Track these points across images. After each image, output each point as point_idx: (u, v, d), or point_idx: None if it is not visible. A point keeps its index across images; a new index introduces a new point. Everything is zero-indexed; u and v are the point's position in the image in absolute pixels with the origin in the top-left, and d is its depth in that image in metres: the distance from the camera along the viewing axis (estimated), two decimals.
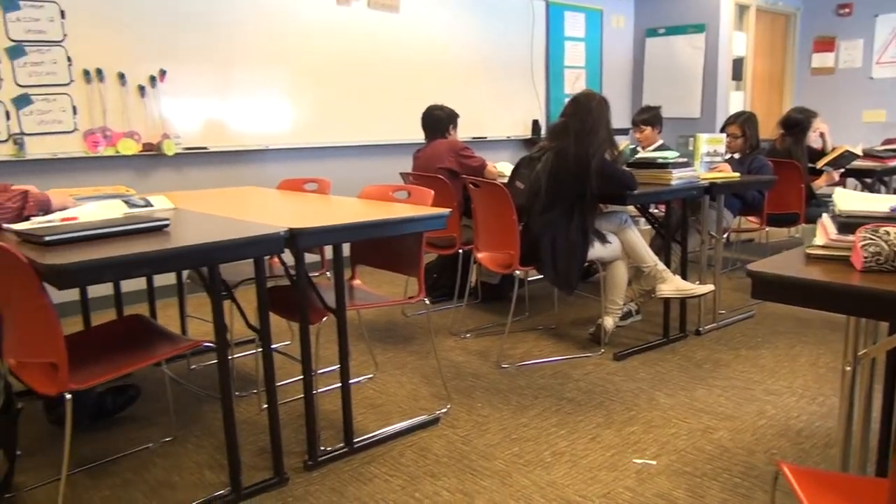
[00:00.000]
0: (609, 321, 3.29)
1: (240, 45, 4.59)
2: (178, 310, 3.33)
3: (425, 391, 2.82)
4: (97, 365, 1.91)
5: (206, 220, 2.27)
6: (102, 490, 2.12)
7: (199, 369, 3.13)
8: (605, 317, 3.28)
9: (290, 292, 2.47)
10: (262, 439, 2.42)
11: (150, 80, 4.25)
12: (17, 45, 3.81)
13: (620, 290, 3.29)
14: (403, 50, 5.42)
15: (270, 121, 4.79)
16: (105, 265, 1.67)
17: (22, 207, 2.26)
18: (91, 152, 4.06)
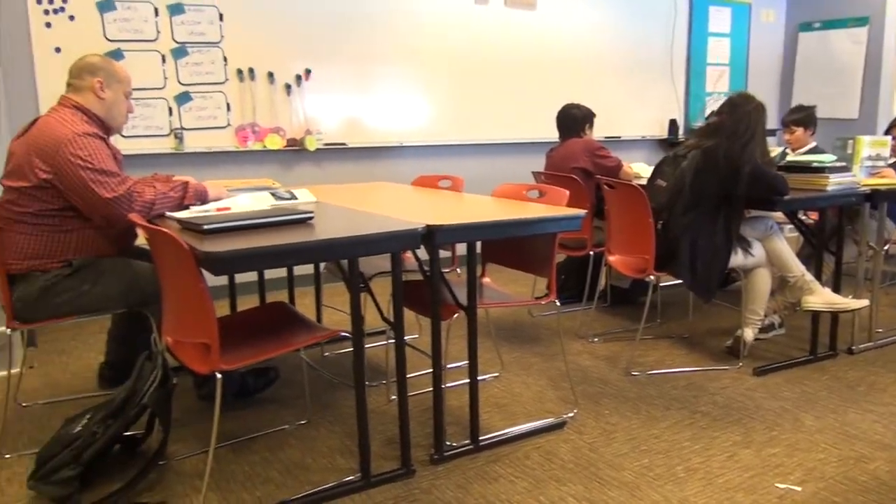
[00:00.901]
0: (749, 333, 3.10)
1: (379, 44, 4.73)
2: (314, 298, 3.49)
3: (551, 394, 2.78)
4: (244, 348, 2.03)
5: (346, 214, 2.35)
6: (243, 465, 2.25)
7: (331, 357, 3.26)
8: (744, 328, 3.10)
9: (422, 287, 2.51)
10: (389, 429, 2.48)
11: (296, 78, 4.47)
12: (180, 47, 4.12)
13: (762, 299, 3.09)
14: (539, 48, 5.38)
15: (406, 118, 4.90)
16: (257, 254, 1.77)
17: (182, 197, 2.44)
18: (241, 147, 4.33)
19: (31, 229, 2.38)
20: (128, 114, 2.64)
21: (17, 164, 2.37)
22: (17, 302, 2.35)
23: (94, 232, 2.45)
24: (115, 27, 3.94)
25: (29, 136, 2.40)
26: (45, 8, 3.77)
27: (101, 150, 2.36)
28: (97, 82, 2.51)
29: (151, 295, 2.37)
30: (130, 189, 2.33)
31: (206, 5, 4.16)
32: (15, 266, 2.38)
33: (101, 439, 2.07)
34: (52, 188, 2.34)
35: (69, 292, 2.38)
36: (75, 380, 3.04)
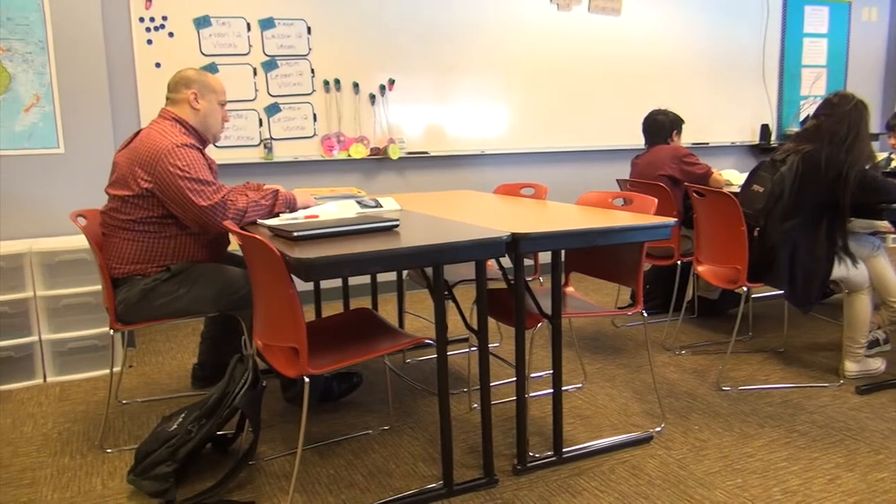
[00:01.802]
0: (850, 366, 2.91)
1: (461, 53, 4.75)
2: (396, 305, 3.52)
3: (637, 407, 2.71)
4: (331, 353, 2.07)
5: (431, 222, 2.36)
6: (328, 468, 2.29)
7: (413, 363, 3.28)
8: (844, 360, 2.91)
9: (505, 296, 2.50)
10: (471, 438, 2.47)
11: (380, 88, 4.55)
12: (271, 60, 4.27)
13: (863, 326, 2.89)
14: (623, 53, 5.28)
15: (487, 126, 4.90)
16: (345, 261, 1.80)
17: (273, 205, 2.52)
18: (326, 156, 4.44)
19: (133, 236, 2.50)
20: (223, 122, 2.75)
21: (120, 175, 2.51)
22: (119, 304, 2.47)
23: (190, 238, 2.56)
24: (210, 42, 4.12)
25: (131, 147, 2.54)
26: (146, 26, 3.98)
27: (197, 160, 2.46)
28: (192, 94, 2.63)
29: (242, 299, 2.45)
30: (225, 197, 2.42)
31: (296, 19, 4.29)
32: (118, 270, 2.51)
33: (195, 438, 2.15)
34: (153, 197, 2.45)
35: (167, 296, 2.49)
36: (170, 379, 3.18)
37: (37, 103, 3.47)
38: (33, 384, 3.17)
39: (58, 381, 3.20)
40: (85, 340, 3.27)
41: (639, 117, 3.95)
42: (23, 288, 3.15)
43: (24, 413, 2.84)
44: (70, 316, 3.24)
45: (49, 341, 3.20)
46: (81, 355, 3.27)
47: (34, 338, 3.18)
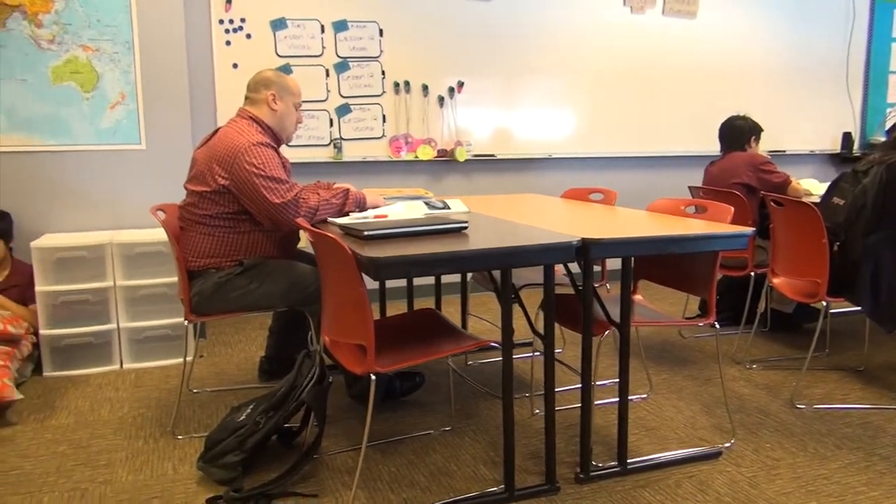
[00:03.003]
0: None
1: (530, 56, 4.73)
2: (459, 306, 3.53)
3: (705, 420, 2.63)
4: (397, 351, 2.08)
5: (499, 225, 2.35)
6: (390, 466, 2.31)
7: (475, 365, 3.27)
8: None
9: (571, 301, 2.47)
10: (532, 443, 2.45)
11: (448, 91, 4.57)
12: (343, 61, 4.34)
13: None
14: (697, 57, 5.15)
15: (555, 129, 4.86)
16: (415, 261, 1.81)
17: (343, 204, 2.56)
18: (394, 157, 4.48)
19: (209, 230, 2.58)
20: (298, 124, 2.81)
21: (199, 171, 2.59)
22: (194, 297, 2.56)
23: (263, 235, 2.62)
24: (285, 44, 4.22)
25: (210, 144, 2.62)
26: (226, 27, 4.10)
27: (272, 158, 2.52)
28: (271, 95, 2.69)
29: (311, 295, 2.50)
30: (297, 195, 2.47)
31: (368, 21, 4.35)
32: (194, 263, 2.60)
33: (262, 429, 2.20)
34: (229, 193, 2.53)
35: (239, 289, 2.56)
36: (238, 371, 3.26)
37: (122, 101, 3.62)
38: (110, 370, 3.31)
39: (133, 368, 3.33)
40: (159, 330, 3.39)
41: (712, 123, 3.85)
42: (104, 277, 3.30)
43: (101, 397, 2.96)
44: (146, 306, 3.37)
45: (126, 329, 3.34)
46: (155, 344, 3.39)
47: (112, 325, 3.32)
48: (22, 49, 3.43)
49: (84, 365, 3.28)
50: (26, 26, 3.43)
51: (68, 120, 3.54)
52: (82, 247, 3.27)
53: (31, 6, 3.43)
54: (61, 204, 3.56)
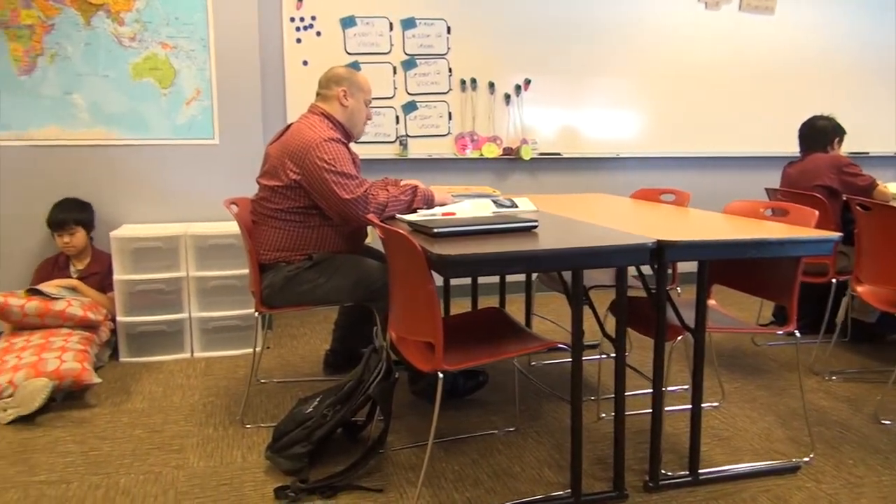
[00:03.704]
0: None
1: (599, 54, 4.64)
2: (523, 306, 3.49)
3: (781, 433, 2.52)
4: (464, 350, 2.07)
5: (569, 225, 2.31)
6: (453, 464, 2.30)
7: (538, 366, 3.24)
8: None
9: (642, 304, 2.40)
10: (598, 448, 2.40)
11: (515, 88, 4.53)
12: (410, 59, 4.35)
13: None
14: (775, 54, 4.96)
15: (624, 128, 4.76)
16: (485, 260, 1.79)
17: (412, 201, 2.56)
18: (459, 154, 4.47)
19: (280, 224, 2.62)
20: (367, 121, 2.83)
21: (271, 166, 2.63)
22: (264, 289, 2.60)
23: (332, 230, 2.65)
24: (354, 41, 4.26)
25: (282, 140, 2.66)
26: (297, 25, 4.17)
27: (343, 154, 2.54)
28: (342, 91, 2.72)
29: (378, 291, 2.51)
30: (366, 191, 2.49)
31: (436, 19, 4.35)
32: (265, 256, 2.64)
33: (329, 422, 2.22)
34: (300, 188, 2.56)
35: (308, 283, 2.59)
36: (304, 363, 3.31)
37: (197, 97, 3.72)
38: (182, 357, 3.41)
39: (203, 357, 3.42)
40: (228, 320, 3.47)
41: (790, 123, 3.70)
42: (177, 268, 3.40)
43: (173, 384, 3.05)
44: (216, 296, 3.46)
45: (197, 319, 3.43)
46: (225, 334, 3.48)
47: (184, 315, 3.42)
48: (105, 46, 3.56)
49: (157, 352, 3.39)
50: (109, 24, 3.56)
51: (146, 115, 3.66)
52: (158, 238, 3.37)
53: (114, 5, 3.56)
54: (139, 196, 3.69)
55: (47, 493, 2.12)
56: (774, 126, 4.96)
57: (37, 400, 2.62)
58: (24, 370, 2.71)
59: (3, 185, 3.49)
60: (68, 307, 3.07)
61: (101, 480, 2.20)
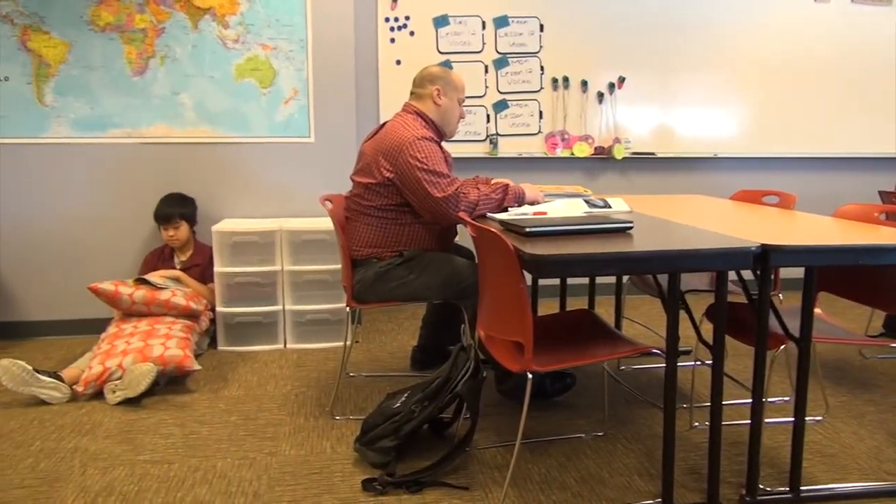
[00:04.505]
0: None
1: (695, 50, 4.49)
2: (609, 308, 3.42)
3: (892, 452, 2.36)
4: (554, 351, 2.04)
5: (665, 226, 2.24)
6: (540, 466, 2.27)
7: (627, 370, 3.16)
8: None
9: (741, 311, 2.31)
10: (691, 458, 2.32)
11: (608, 87, 4.44)
12: (502, 57, 4.34)
13: None
14: (890, 48, 4.65)
15: (721, 127, 4.58)
16: (579, 260, 1.76)
17: (503, 200, 2.55)
18: (549, 153, 4.42)
19: (373, 221, 2.67)
20: (460, 119, 2.84)
21: (366, 163, 2.68)
22: (356, 284, 2.66)
23: (423, 227, 2.68)
24: (446, 41, 4.28)
25: (377, 138, 2.70)
26: (391, 25, 4.23)
27: (436, 153, 2.56)
28: (436, 90, 2.74)
29: (467, 289, 2.51)
30: (458, 190, 2.50)
31: (529, 17, 4.32)
32: (357, 252, 2.70)
33: (417, 418, 2.24)
34: (393, 186, 2.60)
35: (398, 280, 2.62)
36: (391, 358, 3.36)
37: (294, 97, 3.84)
38: (275, 348, 3.53)
39: (295, 348, 3.53)
40: (319, 314, 3.57)
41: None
42: (273, 262, 3.52)
43: (267, 374, 3.16)
44: (309, 290, 3.56)
45: (290, 311, 3.54)
46: (316, 327, 3.58)
47: (279, 307, 3.54)
48: (210, 48, 3.73)
49: (253, 342, 3.52)
50: (215, 27, 3.73)
51: (247, 114, 3.80)
52: (255, 232, 3.50)
53: (219, 8, 3.72)
54: (238, 191, 3.84)
55: (151, 472, 2.24)
56: (888, 125, 4.65)
57: (143, 383, 2.77)
58: (132, 355, 2.87)
59: (116, 180, 3.72)
60: (172, 297, 3.24)
61: (199, 463, 2.31)
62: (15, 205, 3.65)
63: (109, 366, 2.84)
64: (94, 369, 2.84)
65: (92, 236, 3.73)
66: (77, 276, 3.69)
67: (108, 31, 3.63)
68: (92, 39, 3.62)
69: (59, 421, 2.63)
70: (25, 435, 2.52)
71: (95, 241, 3.74)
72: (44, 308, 3.73)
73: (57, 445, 2.43)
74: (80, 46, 3.61)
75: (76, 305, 3.70)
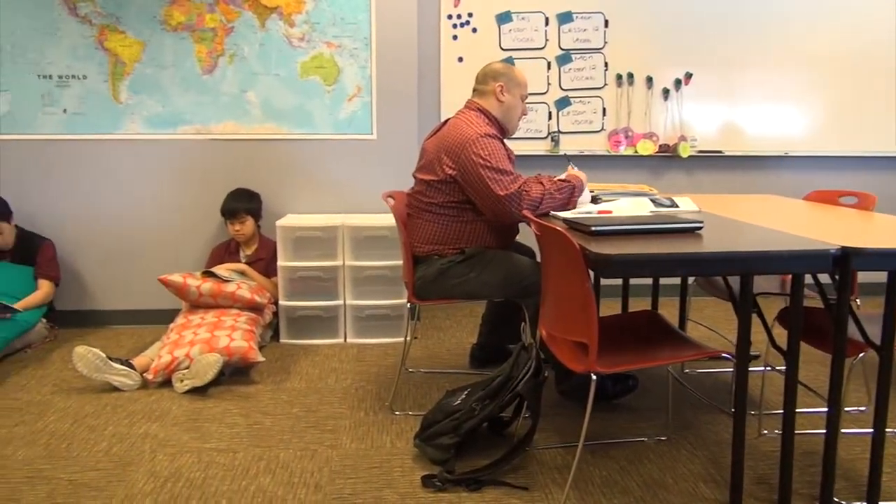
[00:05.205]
0: None
1: (767, 43, 4.33)
2: (674, 309, 3.33)
3: None
4: (618, 353, 2.01)
5: (736, 227, 2.17)
6: (601, 469, 2.24)
7: (692, 374, 3.08)
8: None
9: (817, 316, 2.22)
10: (759, 467, 2.24)
11: (675, 83, 4.33)
12: (565, 54, 4.29)
13: None
14: None
15: (793, 124, 4.42)
16: (647, 261, 1.72)
17: (568, 199, 2.51)
18: (612, 151, 4.35)
19: (435, 218, 2.67)
20: (522, 116, 2.81)
21: (427, 161, 2.68)
22: (417, 281, 2.66)
23: (484, 225, 2.66)
24: (509, 37, 4.26)
25: (439, 135, 2.70)
26: (454, 22, 4.23)
27: (499, 150, 2.54)
28: (499, 86, 2.72)
29: (529, 288, 2.49)
30: (521, 188, 2.47)
31: (594, 12, 4.25)
32: (419, 249, 2.70)
33: (477, 416, 2.24)
34: (455, 183, 2.59)
35: (459, 277, 2.62)
36: (450, 355, 3.37)
37: (358, 94, 3.88)
38: (336, 342, 3.58)
39: (355, 343, 3.57)
40: (379, 309, 3.60)
41: None
42: (334, 257, 3.56)
43: (328, 367, 3.21)
44: (369, 286, 3.59)
45: (351, 306, 3.58)
46: (375, 322, 3.61)
47: (339, 301, 3.58)
48: (277, 47, 3.80)
49: (314, 335, 3.58)
50: (282, 26, 3.79)
51: (311, 111, 3.86)
52: (318, 227, 3.56)
53: (286, 7, 3.78)
54: (302, 187, 3.91)
55: (217, 460, 2.30)
56: None
57: (209, 373, 2.85)
58: (199, 345, 2.95)
59: (186, 176, 3.83)
60: (238, 290, 3.31)
61: (263, 452, 2.36)
62: (91, 198, 3.80)
63: (178, 355, 2.93)
64: (163, 358, 2.93)
65: (162, 229, 3.86)
66: (147, 267, 3.83)
67: (179, 30, 3.74)
68: (164, 39, 3.73)
69: (130, 407, 2.73)
70: (99, 419, 2.62)
71: (165, 234, 3.86)
72: (116, 298, 3.88)
73: (128, 431, 2.52)
74: (153, 45, 3.73)
75: (146, 296, 3.83)
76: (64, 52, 3.69)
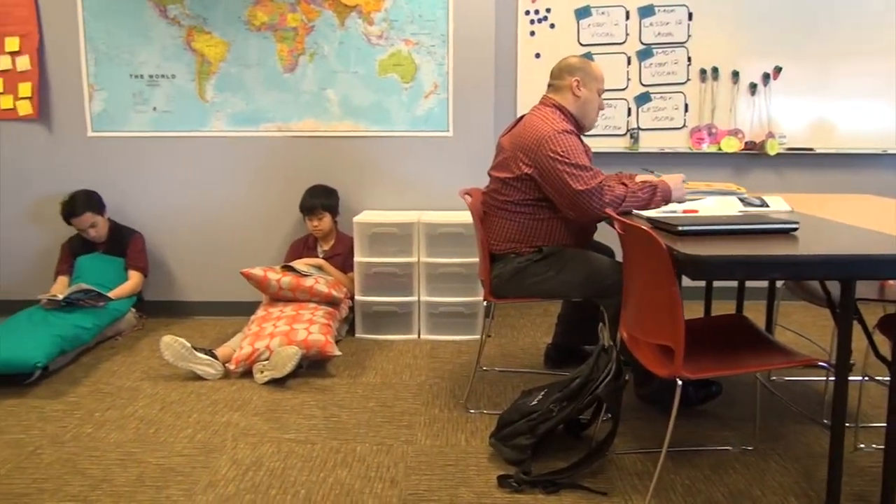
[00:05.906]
0: None
1: (862, 35, 4.10)
2: (760, 313, 3.19)
3: None
4: (704, 358, 1.93)
5: (834, 228, 2.06)
6: (683, 477, 2.16)
7: (780, 381, 2.95)
8: None
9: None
10: (854, 482, 2.12)
11: (763, 77, 4.15)
12: (646, 48, 4.17)
13: None
14: None
15: (890, 121, 4.16)
16: (738, 262, 1.65)
17: (650, 199, 2.44)
18: (694, 148, 4.21)
19: (511, 216, 2.64)
20: (599, 111, 2.75)
21: (503, 158, 2.66)
22: (494, 279, 2.64)
23: (561, 223, 2.61)
24: (588, 32, 4.18)
25: (515, 132, 2.67)
26: (531, 18, 4.18)
27: (576, 146, 2.49)
28: (575, 81, 2.66)
29: (609, 288, 2.43)
30: (601, 183, 2.42)
31: (677, 5, 4.12)
32: (496, 247, 2.68)
33: (555, 418, 2.20)
34: (531, 180, 2.55)
35: (536, 276, 2.58)
36: (524, 354, 3.33)
37: (434, 91, 3.88)
38: (410, 338, 3.60)
39: (429, 339, 3.58)
40: (454, 307, 3.59)
41: None
42: (410, 253, 3.58)
43: (402, 363, 3.23)
44: (444, 283, 3.59)
45: (425, 303, 3.60)
46: (449, 319, 3.61)
47: (414, 298, 3.60)
48: (356, 45, 3.84)
49: (389, 331, 3.61)
50: (360, 24, 3.84)
51: (389, 108, 3.89)
52: (394, 224, 3.58)
53: (365, 6, 3.82)
54: (379, 184, 3.94)
55: (295, 451, 2.34)
56: None
57: (288, 365, 2.91)
58: (279, 338, 3.02)
59: (267, 172, 3.93)
60: (316, 284, 3.37)
61: (340, 445, 2.39)
62: (178, 193, 3.94)
63: (258, 347, 3.00)
64: (244, 349, 3.01)
65: (244, 224, 3.97)
66: (230, 261, 3.94)
67: (262, 30, 3.83)
68: (248, 38, 3.83)
69: (213, 396, 2.82)
70: (184, 406, 2.71)
71: (247, 229, 3.97)
72: (200, 289, 4.02)
73: (212, 419, 2.60)
74: (237, 45, 3.84)
75: (229, 288, 3.95)
76: (154, 53, 3.84)
